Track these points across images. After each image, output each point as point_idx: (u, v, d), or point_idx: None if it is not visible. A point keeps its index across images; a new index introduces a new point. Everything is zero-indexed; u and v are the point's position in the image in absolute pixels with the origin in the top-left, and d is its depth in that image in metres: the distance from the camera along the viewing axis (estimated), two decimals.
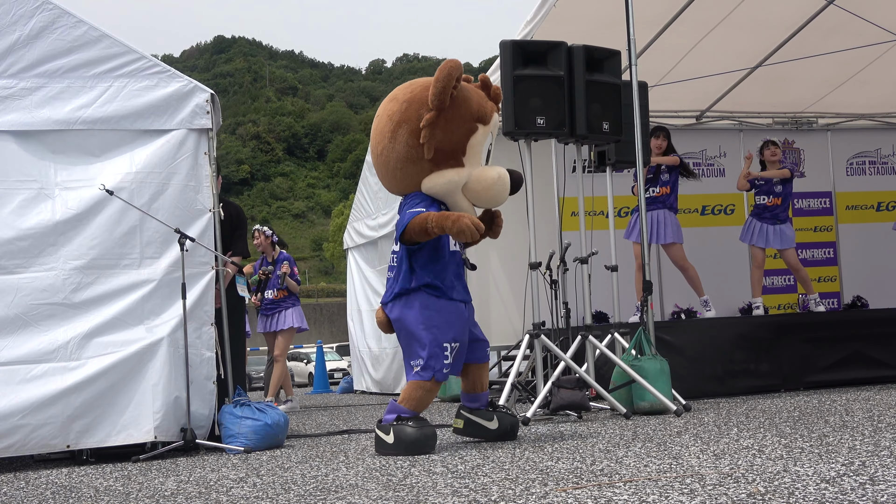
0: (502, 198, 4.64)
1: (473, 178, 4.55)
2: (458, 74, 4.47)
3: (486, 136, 4.66)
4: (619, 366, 6.01)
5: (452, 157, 4.54)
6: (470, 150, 4.59)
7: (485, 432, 4.76)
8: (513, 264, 8.26)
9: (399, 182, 4.68)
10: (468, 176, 4.55)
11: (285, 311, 8.90)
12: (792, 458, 3.38)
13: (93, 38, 5.35)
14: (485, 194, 4.58)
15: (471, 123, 4.54)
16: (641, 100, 6.55)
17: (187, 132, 5.44)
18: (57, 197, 5.21)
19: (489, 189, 4.56)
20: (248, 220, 6.70)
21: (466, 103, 4.52)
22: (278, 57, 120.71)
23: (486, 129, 4.63)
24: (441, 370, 4.45)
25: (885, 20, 8.21)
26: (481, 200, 4.63)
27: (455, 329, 4.52)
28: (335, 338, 26.76)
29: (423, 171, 4.54)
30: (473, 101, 4.57)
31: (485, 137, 4.64)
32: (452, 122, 4.48)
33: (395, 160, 4.58)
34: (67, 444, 4.94)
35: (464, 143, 4.55)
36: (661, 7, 8.07)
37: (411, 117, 4.49)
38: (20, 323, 5.01)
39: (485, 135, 4.63)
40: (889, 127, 10.67)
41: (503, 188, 4.58)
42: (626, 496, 2.74)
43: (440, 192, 4.56)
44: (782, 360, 7.41)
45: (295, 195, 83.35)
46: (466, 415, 4.80)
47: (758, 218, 8.35)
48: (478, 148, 4.62)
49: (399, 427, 4.39)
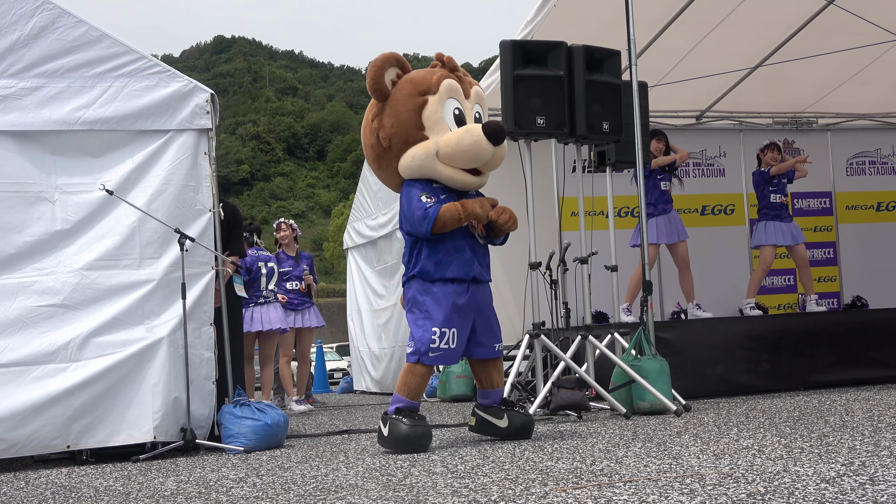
0: (480, 150, 4.52)
1: (442, 143, 4.55)
2: (389, 63, 4.64)
3: (442, 104, 4.61)
4: (619, 366, 6.01)
5: (413, 137, 4.59)
6: (427, 123, 4.59)
7: (495, 430, 4.76)
8: (513, 264, 8.26)
9: (387, 177, 4.83)
10: (436, 144, 4.56)
11: (309, 308, 8.93)
12: (792, 458, 3.38)
13: (93, 38, 5.35)
14: (460, 154, 4.54)
15: (416, 98, 4.60)
16: (641, 100, 6.55)
17: (187, 132, 5.44)
18: (57, 197, 5.21)
19: (459, 145, 4.52)
20: (247, 220, 6.70)
21: (408, 83, 4.64)
22: (278, 57, 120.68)
23: (437, 99, 4.60)
24: (426, 353, 4.49)
25: (885, 20, 8.21)
26: (461, 161, 4.56)
27: (445, 313, 4.50)
28: (335, 338, 26.73)
29: (393, 158, 4.67)
30: (416, 78, 4.66)
31: (440, 105, 4.60)
32: (397, 104, 4.61)
33: (372, 158, 4.83)
34: (67, 445, 4.94)
35: (417, 119, 4.59)
36: (661, 7, 8.07)
37: (368, 121, 4.81)
38: (20, 325, 5.01)
39: (438, 103, 4.60)
40: (889, 127, 10.67)
41: (473, 139, 4.51)
42: (626, 496, 2.74)
43: (416, 170, 4.61)
44: (782, 360, 7.41)
45: (295, 195, 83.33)
46: (479, 413, 4.82)
47: (774, 218, 8.30)
48: (435, 117, 4.59)
49: (394, 422, 4.45)
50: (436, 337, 4.48)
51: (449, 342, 4.50)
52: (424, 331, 4.51)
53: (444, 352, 4.50)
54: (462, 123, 4.64)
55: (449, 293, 4.54)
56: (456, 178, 4.61)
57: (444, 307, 4.51)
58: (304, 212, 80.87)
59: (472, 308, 4.61)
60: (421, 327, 4.53)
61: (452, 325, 4.51)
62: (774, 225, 8.25)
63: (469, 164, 4.59)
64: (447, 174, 4.59)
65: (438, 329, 4.48)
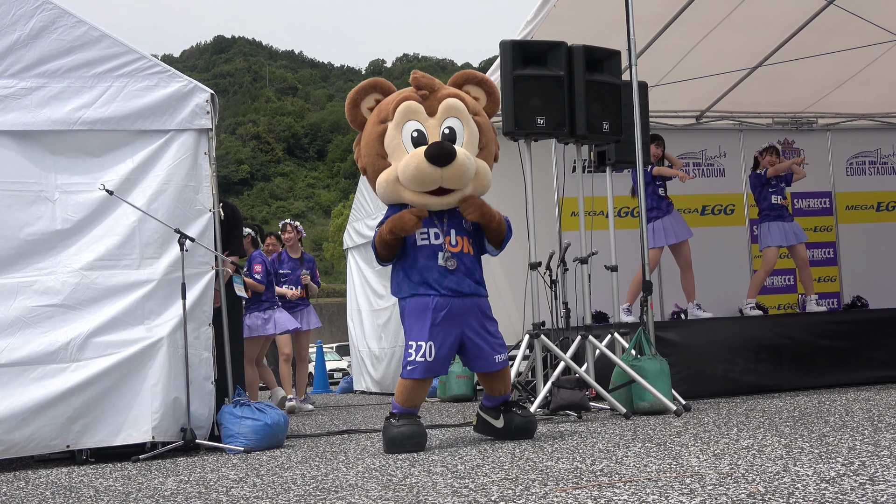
0: (423, 173, 4.46)
1: (399, 171, 4.56)
2: (366, 92, 4.72)
3: (399, 130, 4.61)
4: (619, 366, 6.01)
5: (378, 165, 4.66)
6: (388, 150, 4.63)
7: (493, 431, 4.83)
8: (513, 264, 8.26)
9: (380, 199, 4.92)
10: (396, 170, 4.58)
11: (306, 309, 8.91)
12: (792, 458, 3.38)
13: (93, 38, 5.35)
14: (407, 180, 4.53)
15: (377, 127, 4.66)
16: (641, 100, 6.55)
17: (187, 132, 5.44)
18: (56, 198, 5.21)
19: (405, 172, 4.51)
20: (247, 220, 6.70)
21: (374, 112, 4.71)
22: (278, 57, 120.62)
23: (393, 124, 4.61)
24: (405, 367, 4.58)
25: (885, 20, 8.20)
26: (413, 186, 4.54)
27: (424, 327, 4.53)
28: (335, 338, 26.72)
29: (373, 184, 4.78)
30: (380, 105, 4.70)
31: (396, 131, 4.61)
32: (366, 134, 4.72)
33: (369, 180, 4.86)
34: (67, 445, 4.95)
35: (380, 148, 4.65)
36: (661, 7, 8.06)
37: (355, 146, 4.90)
38: (20, 325, 5.01)
39: (395, 128, 4.61)
40: (889, 127, 10.67)
41: (414, 164, 4.47)
42: (626, 496, 2.74)
43: (389, 197, 4.69)
44: (782, 360, 7.41)
45: (295, 195, 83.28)
46: (481, 413, 4.90)
47: (777, 219, 8.31)
48: (393, 144, 4.61)
49: (387, 422, 4.57)
50: (412, 350, 4.55)
51: (426, 355, 4.52)
52: (407, 346, 4.61)
53: (422, 364, 4.52)
54: (422, 144, 4.57)
55: (424, 307, 4.57)
56: (417, 201, 4.60)
57: (420, 320, 4.56)
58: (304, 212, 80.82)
59: (454, 321, 4.58)
60: (406, 344, 4.65)
61: (430, 338, 4.53)
62: (778, 225, 8.27)
63: (421, 188, 4.55)
64: (410, 198, 4.60)
65: (414, 342, 4.56)
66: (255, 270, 8.00)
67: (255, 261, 8.10)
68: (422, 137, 4.59)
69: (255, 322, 7.96)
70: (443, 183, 4.51)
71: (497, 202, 6.27)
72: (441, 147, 4.46)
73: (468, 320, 4.63)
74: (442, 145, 4.47)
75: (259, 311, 8.00)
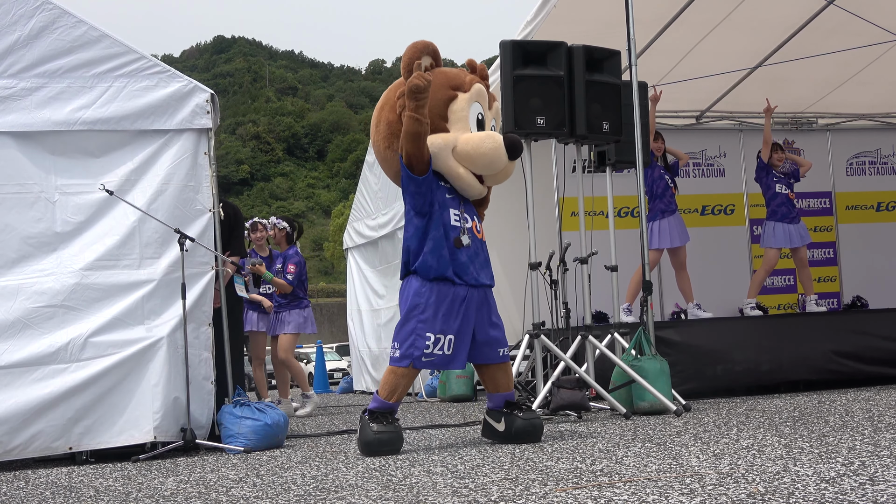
0: (497, 158, 4.50)
1: (462, 141, 4.53)
2: (427, 51, 4.60)
3: (470, 105, 4.61)
4: (619, 366, 6.01)
5: (435, 125, 4.54)
6: (452, 117, 4.58)
7: (495, 434, 4.72)
8: (513, 264, 8.26)
9: (392, 159, 4.64)
10: (455, 140, 4.53)
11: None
12: (792, 458, 3.38)
13: (93, 38, 5.35)
14: (477, 156, 4.51)
15: (447, 91, 4.59)
16: (641, 100, 6.55)
17: (187, 132, 5.44)
18: (57, 198, 5.21)
19: (478, 148, 4.50)
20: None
21: (441, 74, 4.62)
22: (278, 57, 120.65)
23: (467, 97, 4.60)
24: (420, 358, 4.42)
25: (885, 20, 8.20)
26: (476, 164, 4.54)
27: (447, 318, 4.44)
28: (335, 338, 26.74)
29: None
30: (450, 73, 4.67)
31: (468, 104, 4.60)
32: (435, 91, 4.55)
33: (384, 136, 4.65)
34: (69, 447, 4.95)
35: (443, 110, 4.57)
36: (661, 7, 8.06)
37: (391, 98, 4.68)
38: (20, 326, 5.01)
39: (467, 102, 4.60)
40: (889, 127, 10.67)
41: (493, 145, 4.49)
42: (626, 496, 2.74)
43: (434, 159, 4.50)
44: (782, 360, 7.41)
45: (295, 195, 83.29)
46: (485, 415, 4.80)
47: (782, 219, 8.32)
48: (461, 114, 4.58)
49: (364, 424, 4.46)
50: (429, 342, 4.41)
51: (444, 348, 4.44)
52: (418, 335, 4.43)
53: (439, 358, 4.45)
54: (482, 129, 4.66)
55: (453, 297, 4.47)
56: (465, 178, 4.57)
57: (443, 310, 4.44)
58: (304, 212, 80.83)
59: (470, 315, 4.53)
60: (415, 331, 4.44)
61: (449, 331, 4.45)
62: (783, 227, 8.30)
63: (482, 169, 4.57)
64: (457, 172, 4.55)
65: (433, 334, 4.41)
66: (289, 270, 7.95)
67: (290, 260, 8.04)
68: (483, 123, 4.68)
69: (297, 319, 7.97)
70: (500, 173, 4.65)
71: (497, 202, 6.30)
72: (520, 142, 4.60)
73: (482, 312, 4.59)
74: (520, 140, 4.62)
75: (299, 309, 7.99)
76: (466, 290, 4.52)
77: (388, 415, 4.48)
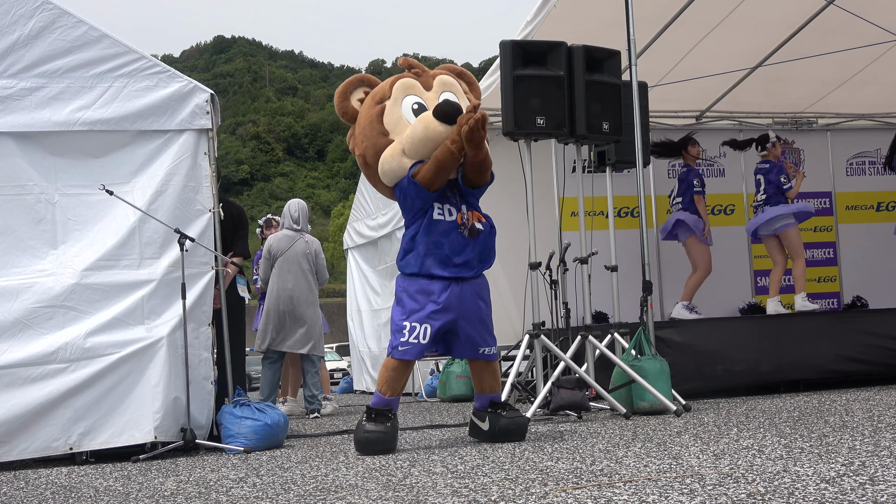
0: (434, 134, 4.44)
1: (404, 140, 4.54)
2: (353, 86, 4.74)
3: (398, 106, 4.62)
4: (619, 366, 6.01)
5: (380, 144, 4.61)
6: (389, 127, 4.61)
7: (481, 433, 4.78)
8: (513, 264, 8.26)
9: (382, 190, 4.83)
10: (401, 143, 4.55)
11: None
12: (792, 458, 3.38)
13: (93, 38, 5.35)
14: (417, 145, 4.49)
15: (374, 108, 4.65)
16: (641, 100, 6.55)
17: (187, 132, 5.44)
18: (57, 199, 5.21)
19: (413, 137, 4.48)
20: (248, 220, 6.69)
21: (368, 97, 4.71)
22: (278, 57, 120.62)
23: (392, 101, 4.63)
24: (396, 347, 4.50)
25: (885, 20, 8.20)
26: (423, 151, 4.49)
27: (424, 309, 4.48)
28: (335, 338, 26.71)
29: (375, 172, 4.70)
30: (374, 91, 4.72)
31: (396, 106, 4.62)
32: (361, 119, 4.70)
33: (367, 179, 4.89)
34: (70, 447, 4.95)
35: (380, 126, 4.62)
36: (661, 7, 8.06)
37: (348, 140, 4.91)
38: (21, 326, 5.01)
39: (394, 105, 4.62)
40: (889, 127, 10.65)
41: (424, 125, 4.46)
42: (626, 496, 2.74)
43: (394, 172, 4.59)
44: (782, 360, 7.42)
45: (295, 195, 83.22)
46: (471, 415, 4.87)
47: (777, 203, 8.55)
48: (395, 119, 4.60)
49: (360, 422, 4.54)
50: (405, 331, 4.49)
51: (419, 337, 4.48)
52: (395, 325, 4.54)
53: (415, 346, 4.49)
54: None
55: (428, 289, 4.51)
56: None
57: (420, 301, 4.51)
58: None
59: (452, 307, 4.54)
60: (396, 321, 4.55)
61: (427, 320, 4.49)
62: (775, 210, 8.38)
63: (432, 151, 4.49)
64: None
65: (409, 323, 4.49)
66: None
67: None
68: (422, 109, 4.62)
69: None
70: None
71: (497, 202, 6.30)
72: (450, 104, 4.50)
73: (466, 305, 4.58)
74: (450, 102, 4.52)
75: None
76: (448, 283, 4.54)
77: (384, 413, 4.52)
